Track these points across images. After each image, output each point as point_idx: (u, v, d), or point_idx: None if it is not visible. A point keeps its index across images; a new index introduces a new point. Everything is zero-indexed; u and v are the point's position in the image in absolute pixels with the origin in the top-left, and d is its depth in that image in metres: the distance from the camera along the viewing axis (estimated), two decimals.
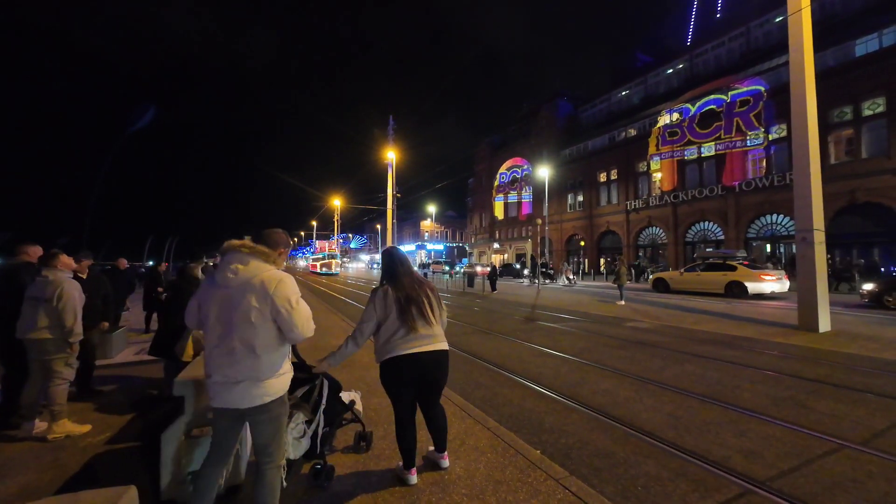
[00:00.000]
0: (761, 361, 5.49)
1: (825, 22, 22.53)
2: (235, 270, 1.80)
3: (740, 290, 13.26)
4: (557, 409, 3.83)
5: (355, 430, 2.99)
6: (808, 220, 7.47)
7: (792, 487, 2.48)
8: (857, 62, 19.70)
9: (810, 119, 7.52)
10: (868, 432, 3.26)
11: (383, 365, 2.41)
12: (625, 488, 2.49)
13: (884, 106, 18.61)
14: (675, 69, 31.86)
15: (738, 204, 24.41)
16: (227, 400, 1.79)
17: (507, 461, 2.73)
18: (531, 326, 8.64)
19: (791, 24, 7.61)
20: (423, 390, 2.51)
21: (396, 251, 2.64)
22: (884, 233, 18.80)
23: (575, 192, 36.47)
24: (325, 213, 58.73)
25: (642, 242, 31.00)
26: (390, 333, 2.39)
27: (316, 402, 2.48)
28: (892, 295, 10.25)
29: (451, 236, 69.05)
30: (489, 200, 47.97)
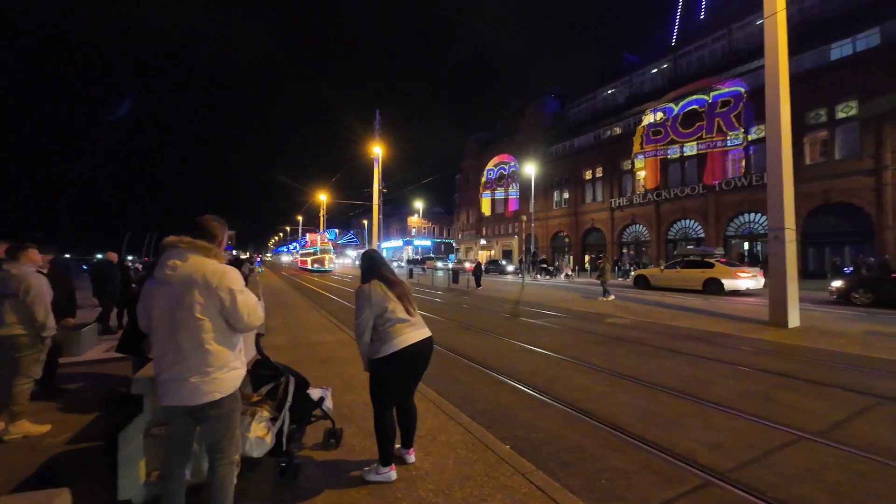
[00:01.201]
0: (732, 356, 5.63)
1: (804, 25, 23.12)
2: (174, 267, 1.76)
3: (717, 286, 13.63)
4: (532, 405, 3.86)
5: (325, 427, 2.96)
6: (779, 219, 7.67)
7: (750, 478, 2.55)
8: (832, 66, 20.29)
9: (783, 121, 7.71)
10: (826, 424, 3.37)
11: (390, 358, 2.39)
12: (590, 481, 2.53)
13: (856, 109, 19.23)
14: (659, 69, 32.33)
15: (718, 203, 24.98)
16: (177, 397, 1.75)
17: (476, 456, 2.74)
18: (513, 323, 8.70)
19: (767, 27, 7.77)
20: (413, 380, 2.60)
21: (376, 252, 2.72)
22: (855, 231, 19.48)
23: (561, 189, 36.80)
24: (310, 209, 58.04)
25: (626, 240, 31.50)
26: (391, 325, 2.43)
27: (281, 399, 2.45)
28: (859, 292, 10.64)
29: (439, 232, 69.01)
30: (476, 197, 48.03)
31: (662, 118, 27.93)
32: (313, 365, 5.04)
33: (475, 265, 18.76)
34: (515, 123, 43.42)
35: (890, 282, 10.42)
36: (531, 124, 41.10)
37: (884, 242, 18.08)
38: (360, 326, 2.44)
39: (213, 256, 1.85)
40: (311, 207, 55.15)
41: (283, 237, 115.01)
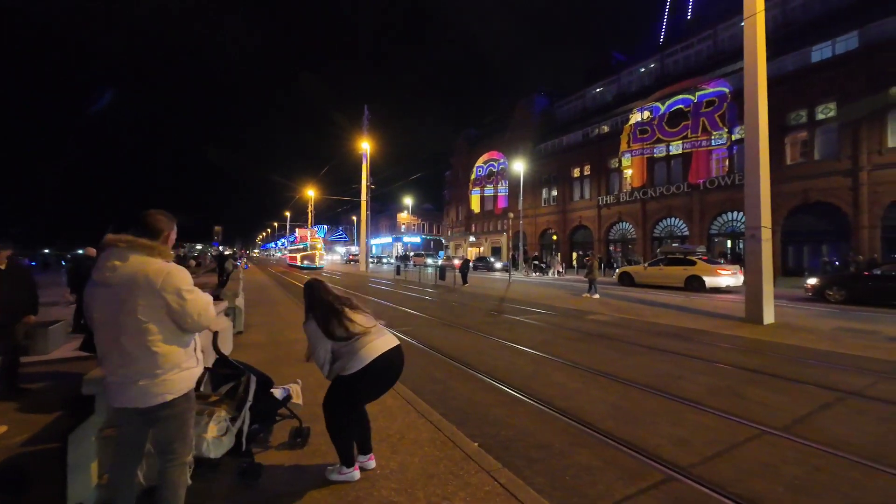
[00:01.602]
0: (706, 352, 5.73)
1: (786, 27, 23.55)
2: (113, 268, 1.68)
3: (699, 283, 13.90)
4: (506, 402, 3.87)
5: (292, 426, 2.92)
6: (756, 217, 7.81)
7: (711, 473, 2.59)
8: (813, 68, 20.69)
9: (761, 121, 7.84)
10: (790, 418, 3.44)
11: (361, 375, 2.28)
12: (554, 479, 2.54)
13: (835, 111, 19.66)
14: (647, 68, 32.61)
15: (702, 201, 25.37)
16: (126, 399, 1.70)
17: (443, 455, 2.73)
18: (496, 319, 8.73)
19: (746, 28, 7.87)
20: (381, 394, 2.53)
21: (315, 280, 2.58)
22: (833, 231, 19.96)
23: (549, 186, 36.98)
24: (298, 205, 57.42)
25: (613, 237, 31.83)
26: (355, 339, 2.32)
27: (241, 398, 2.40)
28: (833, 289, 10.92)
29: (429, 229, 68.87)
30: (466, 194, 48.02)
31: (649, 117, 28.21)
32: (289, 362, 4.97)
33: (462, 262, 18.76)
34: (505, 121, 43.44)
35: (861, 279, 10.72)
36: (520, 122, 41.17)
37: (859, 241, 18.57)
38: (320, 361, 2.35)
39: (157, 255, 1.76)
40: (298, 203, 54.59)
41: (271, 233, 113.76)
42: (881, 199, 18.20)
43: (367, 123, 32.27)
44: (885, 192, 18.12)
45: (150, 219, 1.88)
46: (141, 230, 1.84)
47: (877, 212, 18.31)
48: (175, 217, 1.99)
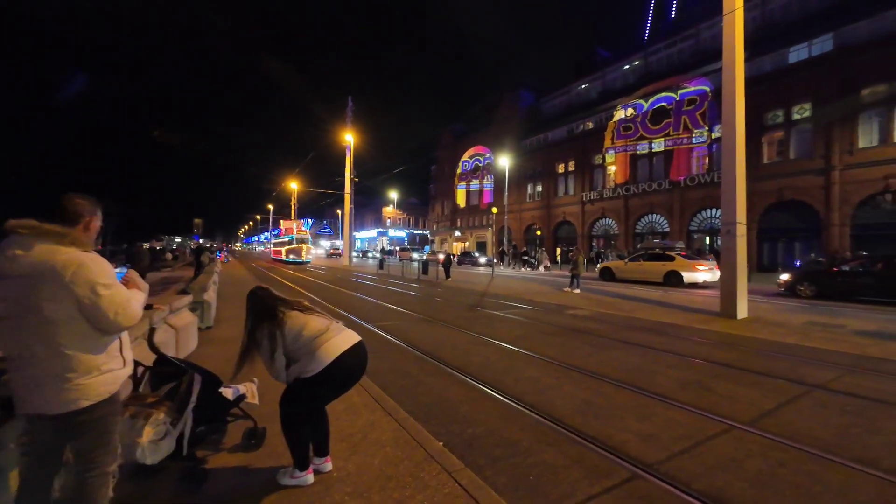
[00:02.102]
0: (680, 347, 5.76)
1: (765, 28, 23.99)
2: (13, 257, 1.47)
3: (677, 279, 14.16)
4: (476, 398, 3.78)
5: (246, 427, 2.76)
6: (732, 213, 7.91)
7: (677, 470, 2.55)
8: (790, 69, 21.15)
9: (738, 118, 7.91)
10: (757, 412, 3.45)
11: (321, 377, 2.14)
12: (517, 479, 2.46)
13: (810, 111, 20.16)
14: (631, 66, 32.85)
15: (682, 198, 25.81)
16: (36, 405, 1.52)
17: (405, 455, 2.63)
18: (475, 314, 8.66)
19: (725, 24, 7.91)
20: (342, 393, 2.41)
21: (259, 288, 2.42)
22: (806, 228, 20.54)
23: (534, 181, 37.10)
24: (281, 197, 56.35)
25: (596, 233, 32.17)
26: (311, 339, 2.18)
27: (183, 399, 2.23)
28: (804, 284, 11.22)
29: (414, 223, 68.52)
30: (451, 188, 47.84)
31: (633, 114, 28.47)
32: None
33: (445, 256, 18.66)
34: (491, 115, 43.30)
35: (831, 275, 11.04)
36: (506, 116, 41.10)
37: (829, 239, 19.17)
38: (275, 368, 2.21)
39: (69, 244, 1.54)
40: (281, 196, 53.56)
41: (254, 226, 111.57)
42: (851, 197, 18.80)
43: (351, 115, 31.72)
44: (854, 191, 18.72)
45: (68, 202, 1.66)
46: (58, 216, 1.64)
47: (847, 210, 18.90)
48: (98, 203, 1.78)
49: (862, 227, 18.66)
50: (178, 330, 4.60)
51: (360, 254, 56.76)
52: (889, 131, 17.96)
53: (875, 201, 18.40)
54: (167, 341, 3.96)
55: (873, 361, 5.06)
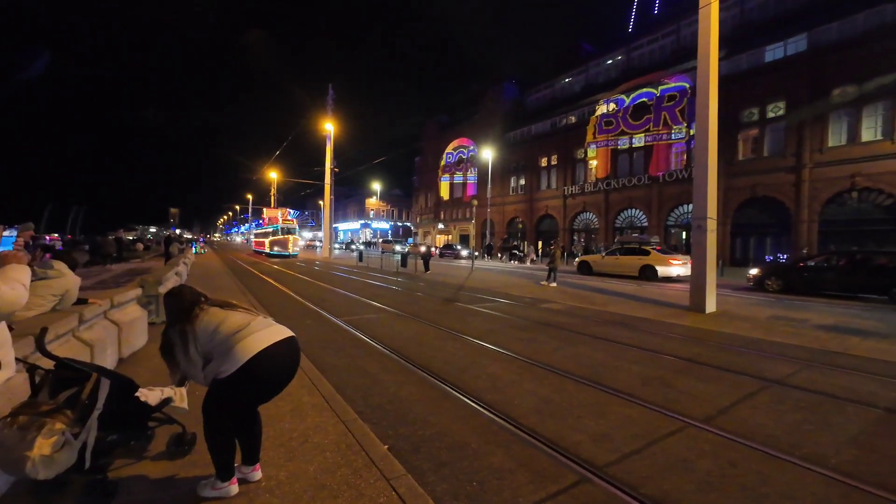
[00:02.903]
0: (646, 342, 5.76)
1: (743, 28, 24.33)
2: None
3: (652, 273, 14.42)
4: (433, 397, 3.65)
5: (172, 433, 2.56)
6: (703, 208, 7.96)
7: (626, 472, 2.47)
8: (765, 68, 21.54)
9: (711, 111, 7.93)
10: (714, 410, 3.43)
11: (238, 375, 1.94)
12: (459, 485, 2.34)
13: (783, 110, 20.61)
14: (613, 60, 32.96)
15: (660, 193, 26.21)
16: None
17: (344, 460, 2.47)
18: (448, 308, 8.54)
19: (701, 17, 7.88)
20: (272, 395, 2.19)
21: (177, 287, 2.24)
22: (777, 224, 21.13)
23: (518, 175, 37.12)
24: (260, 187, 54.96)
25: (577, 227, 32.45)
26: (228, 335, 1.99)
27: (86, 405, 2.01)
28: (771, 279, 11.49)
29: (398, 215, 67.95)
30: (435, 180, 47.50)
31: (614, 109, 28.64)
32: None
33: (425, 249, 18.48)
34: (475, 107, 43.00)
35: (796, 270, 11.33)
36: (490, 109, 40.87)
37: (798, 235, 19.76)
38: (191, 372, 2.04)
39: None
40: (260, 185, 52.19)
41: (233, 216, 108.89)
42: (820, 195, 19.38)
43: (332, 103, 30.97)
44: (823, 188, 19.29)
45: None
46: None
47: (815, 207, 19.49)
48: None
49: (829, 223, 19.28)
50: (122, 326, 4.31)
51: (343, 245, 55.99)
52: (857, 131, 18.52)
53: (842, 199, 19.01)
54: (101, 339, 3.69)
55: (831, 356, 5.15)
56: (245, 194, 70.52)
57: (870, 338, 6.16)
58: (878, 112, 18.03)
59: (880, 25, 18.07)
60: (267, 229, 33.33)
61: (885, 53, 17.26)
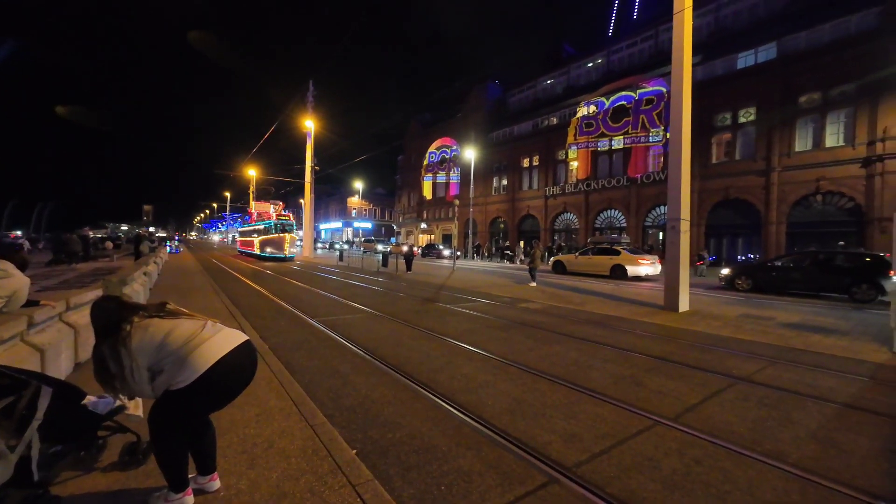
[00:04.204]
0: (620, 340, 5.85)
1: (718, 34, 25.09)
2: None
3: (622, 272, 15.04)
4: (404, 399, 3.60)
5: (126, 442, 2.43)
6: (677, 210, 8.15)
7: (593, 472, 2.47)
8: (738, 74, 22.26)
9: (685, 117, 8.12)
10: (682, 407, 3.49)
11: (196, 386, 1.84)
12: (426, 489, 2.29)
13: (754, 115, 21.35)
14: (594, 63, 33.51)
15: (639, 195, 26.79)
16: None
17: (310, 466, 2.39)
18: (426, 308, 8.48)
19: (675, 24, 8.05)
20: (227, 403, 2.09)
21: (106, 297, 2.08)
22: (748, 225, 21.87)
23: (500, 175, 37.32)
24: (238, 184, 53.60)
25: (558, 227, 32.86)
26: (180, 344, 1.87)
27: (23, 416, 1.88)
28: (741, 278, 11.89)
29: (381, 214, 67.41)
30: (418, 179, 47.28)
31: (595, 111, 29.09)
32: None
33: (407, 249, 18.37)
34: (458, 106, 43.05)
35: (765, 270, 11.75)
36: (473, 108, 40.97)
37: (768, 236, 20.52)
38: (134, 389, 1.89)
39: None
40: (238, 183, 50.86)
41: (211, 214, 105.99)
42: (788, 197, 20.16)
43: (313, 100, 30.44)
44: (791, 191, 20.08)
45: None
46: None
47: (784, 209, 20.27)
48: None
49: (796, 225, 20.09)
50: (79, 329, 4.09)
51: (325, 245, 55.16)
52: (821, 137, 19.34)
53: (808, 201, 19.83)
54: (55, 343, 3.49)
55: (794, 353, 5.34)
56: (223, 192, 68.69)
57: (831, 335, 6.43)
58: (841, 119, 18.88)
59: (844, 36, 18.91)
60: (256, 226, 28.60)
61: (847, 63, 18.09)
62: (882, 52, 16.52)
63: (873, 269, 9.91)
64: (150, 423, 1.95)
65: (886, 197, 16.89)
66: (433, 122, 47.84)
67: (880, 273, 9.63)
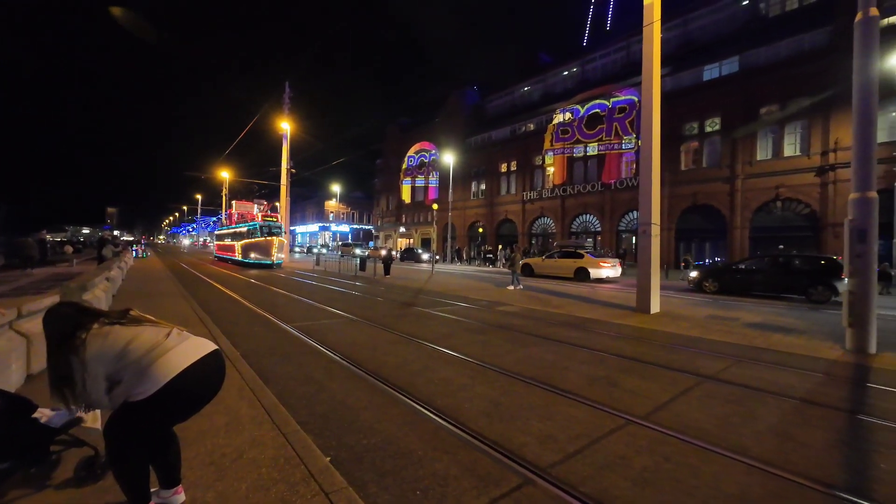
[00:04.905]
0: (595, 342, 5.98)
1: (686, 47, 26.22)
2: None
3: (585, 274, 15.80)
4: (380, 404, 3.55)
5: (83, 456, 2.29)
6: (648, 214, 8.43)
7: (568, 472, 2.51)
8: (704, 85, 23.35)
9: (654, 125, 8.43)
10: (652, 406, 3.59)
11: (159, 397, 1.74)
12: (402, 495, 2.27)
13: (719, 125, 22.40)
14: (569, 72, 34.40)
15: (612, 200, 27.57)
16: None
17: (281, 476, 2.32)
18: (404, 312, 8.43)
19: (645, 35, 8.37)
20: (191, 414, 1.98)
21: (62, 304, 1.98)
22: (715, 230, 22.86)
23: (478, 180, 37.67)
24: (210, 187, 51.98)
25: (535, 231, 33.39)
26: (142, 353, 1.77)
27: None
28: (709, 281, 12.40)
29: (359, 218, 66.69)
30: (397, 183, 47.14)
31: (570, 118, 29.83)
32: None
33: (385, 253, 18.24)
34: (437, 111, 43.26)
35: (730, 273, 12.30)
36: (452, 114, 41.25)
37: (732, 240, 21.49)
38: (89, 400, 1.78)
39: None
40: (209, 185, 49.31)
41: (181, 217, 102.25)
42: (751, 203, 21.21)
43: (289, 101, 29.89)
44: (753, 198, 21.13)
45: None
46: None
47: (746, 215, 21.30)
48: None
49: (758, 229, 21.14)
50: (32, 338, 3.85)
51: (303, 249, 54.06)
52: (780, 147, 20.48)
53: (769, 207, 20.92)
54: (4, 353, 3.27)
55: (757, 351, 5.60)
56: (194, 194, 66.40)
57: (790, 334, 6.77)
58: (797, 130, 20.06)
59: (799, 53, 20.14)
60: (238, 228, 25.49)
61: (802, 78, 19.26)
62: (833, 68, 17.67)
63: (828, 272, 10.54)
64: (107, 435, 1.84)
65: (839, 204, 18.01)
66: (412, 125, 47.87)
67: (834, 275, 10.24)
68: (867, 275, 5.49)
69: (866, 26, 5.61)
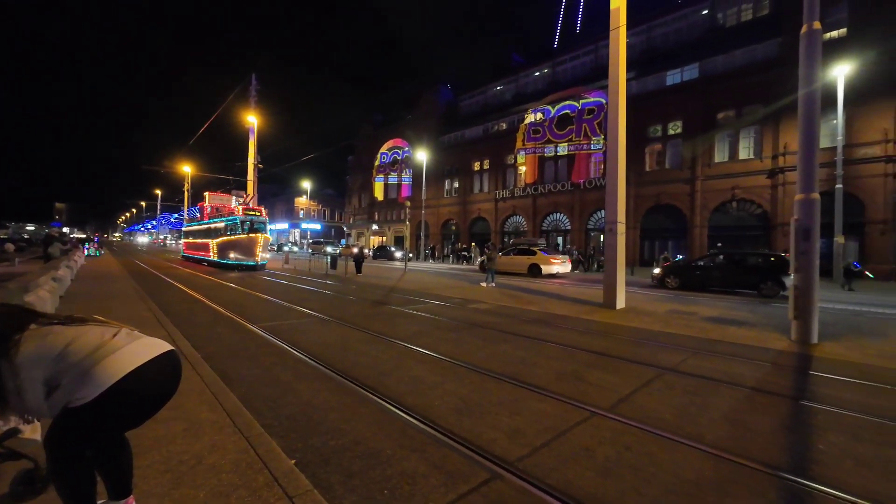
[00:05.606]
0: (564, 337, 6.13)
1: (650, 52, 27.25)
2: None
3: (537, 270, 16.63)
4: (349, 404, 3.50)
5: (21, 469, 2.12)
6: (614, 213, 8.72)
7: (535, 465, 2.56)
8: (667, 90, 24.36)
9: (620, 127, 8.73)
10: (616, 398, 3.72)
11: (104, 400, 1.60)
12: (369, 495, 2.24)
13: (681, 128, 23.45)
14: (541, 73, 35.01)
15: (582, 199, 28.33)
16: None
17: (243, 481, 2.24)
18: (376, 311, 8.34)
19: (611, 40, 8.63)
20: (144, 420, 1.83)
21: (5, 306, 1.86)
22: (677, 228, 23.93)
23: (452, 178, 37.75)
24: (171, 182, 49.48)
25: (508, 229, 33.85)
26: (84, 354, 1.63)
27: None
28: (670, 277, 12.98)
29: (330, 215, 65.38)
30: (369, 180, 46.56)
31: (541, 119, 30.39)
32: None
33: (357, 251, 17.96)
34: (410, 108, 42.98)
35: (690, 270, 12.93)
36: (425, 111, 41.10)
37: (692, 238, 22.58)
38: (24, 409, 1.66)
39: None
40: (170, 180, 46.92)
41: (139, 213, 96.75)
42: (709, 203, 22.34)
43: (256, 94, 28.83)
44: (711, 198, 22.27)
45: None
46: None
47: (705, 214, 22.43)
48: None
49: (716, 228, 22.31)
50: None
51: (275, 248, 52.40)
52: (736, 150, 21.68)
53: (725, 208, 22.11)
54: None
55: (713, 343, 5.91)
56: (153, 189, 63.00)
57: (742, 326, 7.20)
58: (751, 135, 21.30)
59: (752, 62, 21.37)
60: (213, 223, 21.96)
61: (755, 85, 20.45)
62: (782, 77, 18.86)
63: (776, 268, 11.27)
64: (47, 445, 1.71)
65: (787, 204, 19.27)
66: (385, 122, 47.38)
67: (782, 271, 10.96)
68: (810, 271, 5.90)
69: (810, 38, 6.02)
